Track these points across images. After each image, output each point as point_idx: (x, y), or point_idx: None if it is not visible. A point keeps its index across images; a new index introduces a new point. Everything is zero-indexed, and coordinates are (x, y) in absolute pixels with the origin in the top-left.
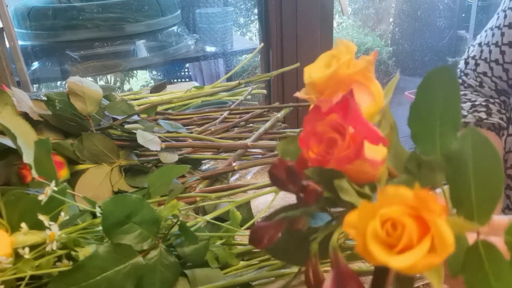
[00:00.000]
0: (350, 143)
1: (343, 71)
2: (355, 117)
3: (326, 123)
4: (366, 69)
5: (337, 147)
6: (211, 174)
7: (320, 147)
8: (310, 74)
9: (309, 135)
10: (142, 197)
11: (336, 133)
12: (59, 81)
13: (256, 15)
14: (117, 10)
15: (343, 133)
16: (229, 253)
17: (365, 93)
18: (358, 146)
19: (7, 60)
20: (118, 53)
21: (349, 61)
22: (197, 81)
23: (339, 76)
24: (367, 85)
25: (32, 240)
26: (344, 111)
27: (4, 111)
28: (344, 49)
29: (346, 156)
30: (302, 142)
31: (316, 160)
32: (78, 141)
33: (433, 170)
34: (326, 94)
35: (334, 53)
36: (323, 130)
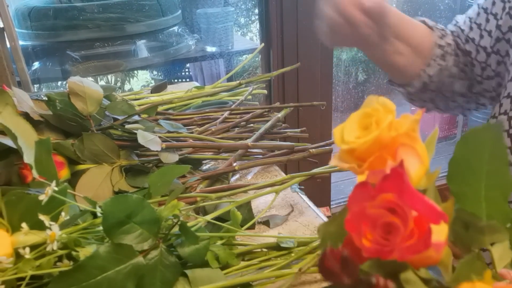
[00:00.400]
0: (414, 229)
1: (386, 135)
2: (411, 195)
3: (379, 204)
4: (411, 130)
5: (399, 234)
6: (211, 174)
7: (375, 233)
8: (343, 138)
9: (359, 218)
10: (143, 197)
11: (393, 216)
12: (60, 81)
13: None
14: (118, 10)
15: (403, 217)
16: (230, 253)
17: (413, 156)
18: (425, 234)
19: (8, 60)
20: (119, 53)
21: (392, 122)
22: (198, 81)
23: (382, 140)
24: (414, 146)
25: (32, 240)
26: (398, 188)
27: (5, 111)
28: (381, 108)
29: (412, 246)
30: (351, 227)
31: (373, 249)
32: (79, 141)
33: (482, 232)
34: (371, 162)
35: (368, 112)
36: (377, 212)
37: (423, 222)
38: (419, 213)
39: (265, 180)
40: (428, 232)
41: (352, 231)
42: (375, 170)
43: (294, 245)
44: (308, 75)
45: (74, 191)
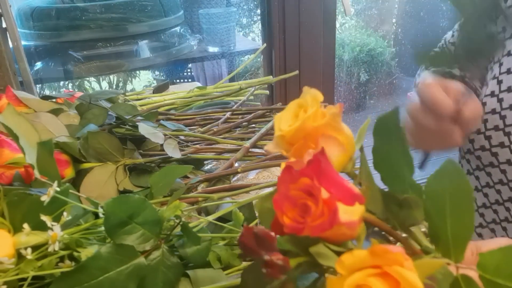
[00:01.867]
0: (323, 210)
1: (309, 124)
2: (328, 178)
3: (299, 186)
4: (333, 121)
5: (311, 214)
6: (213, 175)
7: (294, 212)
8: (279, 126)
9: (283, 198)
10: (145, 198)
11: (309, 198)
12: (62, 81)
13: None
14: (120, 10)
15: (316, 199)
16: (231, 253)
17: (335, 144)
18: (332, 213)
19: (10, 60)
20: (121, 53)
21: (315, 113)
22: (200, 81)
23: (307, 129)
24: (336, 136)
25: (34, 240)
26: (316, 171)
27: (6, 110)
28: (310, 99)
29: (320, 225)
30: (277, 205)
31: (291, 226)
32: (84, 140)
33: (411, 208)
34: (296, 148)
35: (301, 102)
36: (296, 194)
37: (333, 203)
38: (333, 195)
39: (266, 179)
40: (334, 212)
41: (277, 209)
42: (299, 157)
43: None
44: (310, 76)
45: (79, 189)
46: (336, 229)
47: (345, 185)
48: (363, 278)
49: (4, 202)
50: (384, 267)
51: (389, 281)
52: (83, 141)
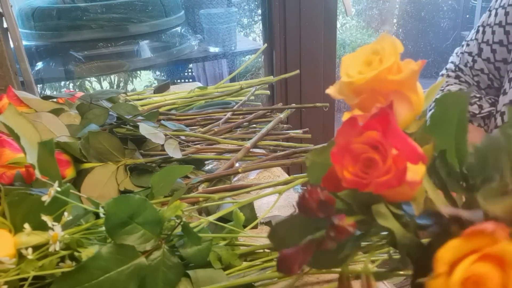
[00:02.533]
0: (391, 166)
1: (384, 76)
2: (395, 135)
3: (364, 140)
4: (410, 78)
5: (377, 169)
6: (214, 176)
7: (356, 166)
8: (347, 71)
9: (344, 151)
10: (145, 198)
11: (375, 152)
12: (63, 81)
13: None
14: (121, 10)
15: (383, 154)
16: (232, 253)
17: (405, 103)
18: (401, 171)
19: (12, 60)
20: (122, 53)
21: (393, 65)
22: (201, 81)
23: (380, 80)
24: (409, 95)
25: (35, 240)
26: (384, 127)
27: (7, 110)
28: (389, 48)
29: (387, 181)
30: (335, 159)
31: (352, 181)
32: (85, 140)
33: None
34: (363, 99)
35: (376, 48)
36: (360, 148)
37: (402, 160)
38: (399, 152)
39: (267, 179)
40: (403, 170)
41: (336, 163)
42: (363, 109)
43: None
44: (311, 76)
45: (80, 189)
46: (399, 189)
47: (411, 143)
48: (469, 268)
49: (5, 202)
50: (484, 249)
51: (494, 262)
52: (84, 141)
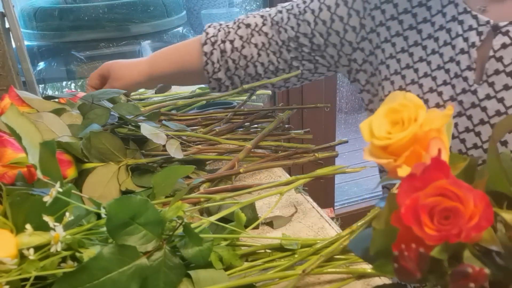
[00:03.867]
0: (474, 209)
1: (420, 130)
2: (456, 180)
3: (433, 192)
4: (442, 125)
5: (461, 216)
6: (216, 176)
7: (434, 220)
8: (374, 134)
9: (415, 209)
10: (147, 199)
11: (450, 201)
12: (65, 81)
13: None
14: (123, 11)
15: (461, 200)
16: (233, 254)
17: (442, 147)
18: (486, 211)
19: (13, 60)
20: (124, 53)
21: (423, 119)
22: None
23: (417, 135)
24: (442, 138)
25: (37, 241)
26: (445, 174)
27: (9, 111)
28: (411, 104)
29: (477, 225)
30: (408, 219)
31: (438, 236)
32: (86, 140)
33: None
34: (405, 157)
35: (397, 107)
36: (433, 200)
37: (481, 201)
38: (476, 194)
39: (268, 180)
40: (489, 209)
41: (411, 224)
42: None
43: (298, 246)
44: None
45: (81, 189)
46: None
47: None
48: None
49: (7, 202)
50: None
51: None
52: (86, 141)
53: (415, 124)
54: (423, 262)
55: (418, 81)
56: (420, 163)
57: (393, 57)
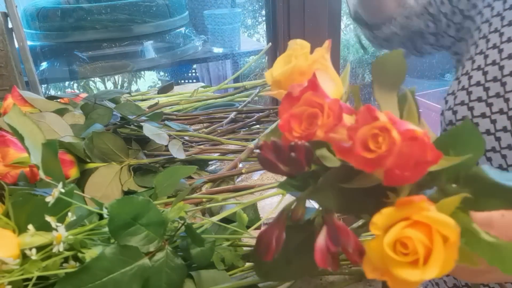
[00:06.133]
0: (329, 112)
1: (302, 63)
2: (324, 95)
3: (302, 103)
4: (322, 58)
5: (320, 118)
6: (218, 176)
7: (302, 126)
8: (271, 74)
9: (289, 119)
10: (149, 199)
11: (314, 108)
12: (67, 81)
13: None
14: (125, 11)
15: (321, 106)
16: (235, 254)
17: (327, 78)
18: (337, 113)
19: (16, 60)
20: (126, 54)
21: (307, 53)
22: (204, 82)
23: (300, 68)
24: (326, 70)
25: (39, 241)
26: (315, 87)
27: (12, 111)
28: (298, 46)
29: (329, 123)
30: (284, 127)
31: (300, 137)
32: (89, 140)
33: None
34: (292, 86)
35: (289, 53)
36: (301, 110)
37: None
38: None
39: (270, 180)
40: (339, 110)
41: (285, 131)
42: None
43: None
44: None
45: (83, 189)
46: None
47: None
48: (399, 232)
49: (9, 202)
50: (413, 216)
51: (422, 228)
52: (88, 141)
53: (302, 57)
54: (281, 155)
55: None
56: (297, 84)
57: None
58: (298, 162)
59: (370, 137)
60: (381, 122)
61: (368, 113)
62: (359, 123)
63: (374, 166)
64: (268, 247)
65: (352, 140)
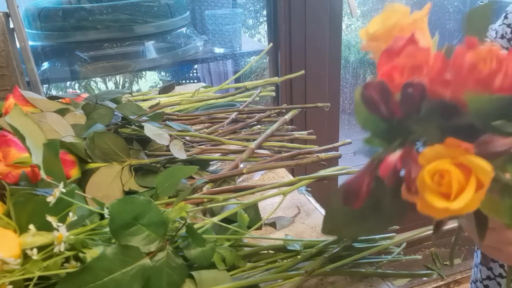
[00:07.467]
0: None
1: (403, 21)
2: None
3: (404, 55)
4: (421, 20)
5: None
6: (219, 176)
7: (404, 76)
8: (367, 31)
9: (390, 71)
10: (150, 199)
11: (417, 59)
12: (69, 81)
13: (265, 16)
14: (127, 11)
15: (426, 57)
16: (236, 255)
17: (424, 38)
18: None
19: (18, 60)
20: (127, 54)
21: (407, 12)
22: (206, 82)
23: (400, 26)
24: (424, 33)
25: (40, 241)
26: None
27: (13, 111)
28: (397, 7)
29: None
30: (385, 77)
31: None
32: (90, 140)
33: None
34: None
35: (387, 13)
36: (404, 61)
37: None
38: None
39: (271, 180)
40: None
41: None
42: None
43: (301, 247)
44: (315, 77)
45: (84, 189)
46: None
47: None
48: (442, 164)
49: (10, 202)
50: (459, 158)
51: (462, 169)
52: (89, 141)
53: (402, 16)
54: (385, 97)
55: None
56: (397, 37)
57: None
58: (413, 99)
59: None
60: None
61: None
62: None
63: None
64: (358, 194)
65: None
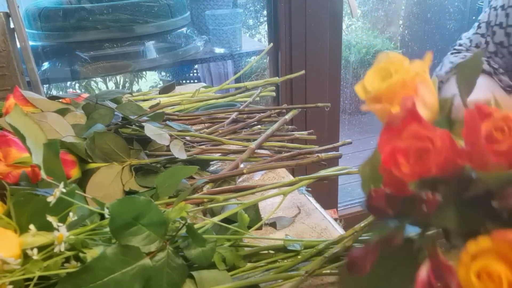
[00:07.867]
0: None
1: (405, 76)
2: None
3: (407, 136)
4: (423, 71)
5: (432, 152)
6: (219, 176)
7: (410, 160)
8: (367, 90)
9: (393, 153)
10: (150, 199)
11: (422, 141)
12: (69, 81)
13: (265, 16)
14: (127, 11)
15: (431, 139)
16: (236, 255)
17: (428, 89)
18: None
19: (18, 61)
20: (128, 54)
21: (407, 66)
22: (206, 82)
23: (402, 81)
24: (427, 84)
25: (40, 241)
26: (416, 119)
27: (13, 111)
28: (395, 60)
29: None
30: (388, 163)
31: (413, 174)
32: (90, 140)
33: None
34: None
35: (384, 66)
36: (408, 144)
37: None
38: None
39: (272, 180)
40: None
41: (390, 167)
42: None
43: (301, 247)
44: (316, 77)
45: (85, 189)
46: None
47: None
48: (489, 265)
49: (11, 202)
50: (509, 254)
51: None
52: (90, 141)
53: (403, 70)
54: (391, 202)
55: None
56: (395, 115)
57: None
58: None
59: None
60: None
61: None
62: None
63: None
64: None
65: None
